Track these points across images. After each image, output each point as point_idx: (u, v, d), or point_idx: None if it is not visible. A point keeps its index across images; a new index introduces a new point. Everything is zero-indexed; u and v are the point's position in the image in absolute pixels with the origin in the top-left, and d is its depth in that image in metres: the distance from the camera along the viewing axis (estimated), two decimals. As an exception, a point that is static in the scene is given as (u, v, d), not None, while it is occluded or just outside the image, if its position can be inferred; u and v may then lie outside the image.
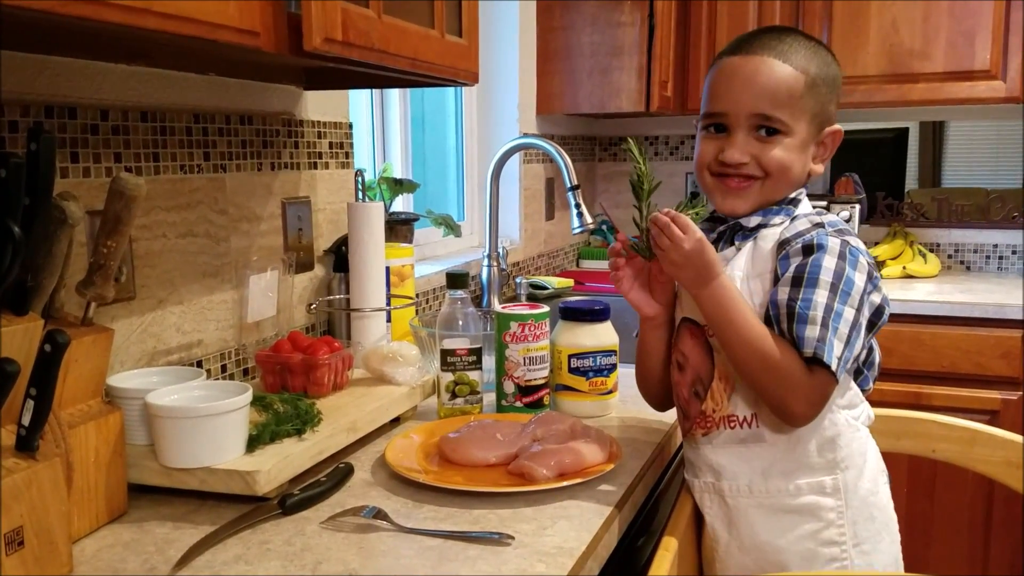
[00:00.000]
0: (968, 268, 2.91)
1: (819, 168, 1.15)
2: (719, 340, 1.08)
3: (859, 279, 1.03)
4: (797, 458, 1.09)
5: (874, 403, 1.17)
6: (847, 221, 2.68)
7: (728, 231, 1.15)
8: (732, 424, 1.10)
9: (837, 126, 1.15)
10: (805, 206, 1.14)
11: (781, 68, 1.09)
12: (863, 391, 1.14)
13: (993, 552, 2.32)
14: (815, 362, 1.01)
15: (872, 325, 1.07)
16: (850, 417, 1.11)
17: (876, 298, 1.07)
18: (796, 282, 1.03)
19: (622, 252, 1.15)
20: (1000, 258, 2.87)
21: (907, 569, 1.11)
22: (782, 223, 1.11)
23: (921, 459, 1.36)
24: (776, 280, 1.06)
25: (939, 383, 2.35)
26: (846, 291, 1.02)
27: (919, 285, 2.61)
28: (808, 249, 1.04)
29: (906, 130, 3.00)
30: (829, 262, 1.02)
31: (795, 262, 1.05)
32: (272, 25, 0.99)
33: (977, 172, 2.98)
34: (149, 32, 0.82)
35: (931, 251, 2.87)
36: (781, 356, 1.02)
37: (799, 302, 1.02)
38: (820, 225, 1.07)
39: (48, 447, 0.87)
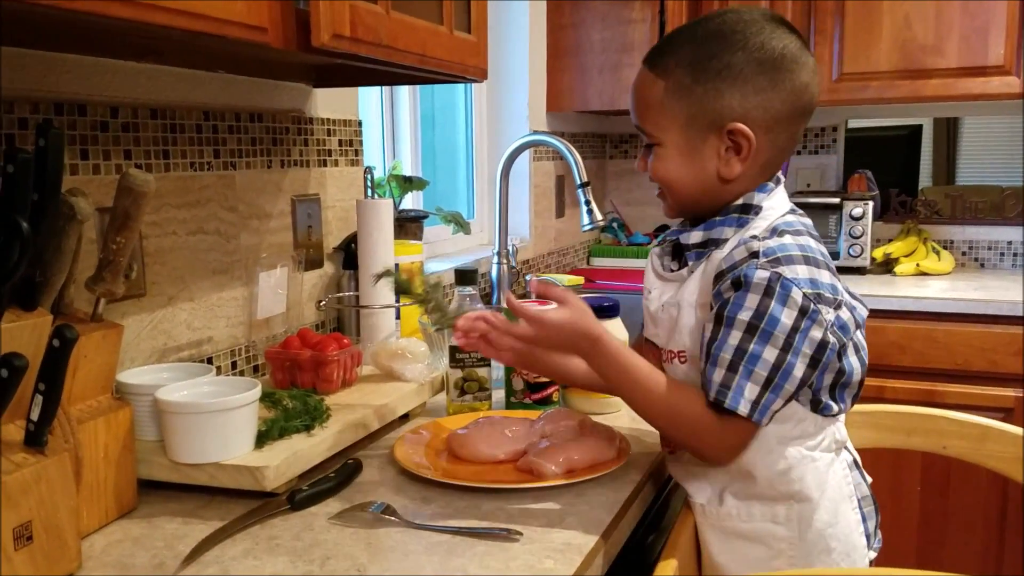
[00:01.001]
0: (982, 265, 2.89)
1: (734, 169, 1.02)
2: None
3: (787, 316, 0.94)
4: (748, 487, 1.04)
5: (887, 401, 1.15)
6: (859, 219, 2.67)
7: (674, 247, 1.10)
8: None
9: (738, 124, 1.00)
10: (769, 213, 1.03)
11: (644, 76, 1.05)
12: (827, 416, 1.04)
13: (1007, 548, 2.31)
14: (719, 407, 0.97)
15: (816, 361, 0.97)
16: (803, 449, 1.03)
17: (817, 333, 0.96)
18: (718, 320, 0.98)
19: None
20: (1014, 255, 2.85)
21: (920, 566, 1.10)
22: (734, 236, 1.02)
23: (934, 456, 1.35)
24: None
25: (953, 381, 2.34)
26: (767, 331, 0.95)
27: (933, 282, 2.59)
28: (736, 284, 0.97)
29: (920, 127, 2.98)
30: (751, 301, 0.95)
31: (725, 298, 0.98)
32: (280, 21, 0.99)
33: (991, 169, 2.96)
34: (157, 28, 0.82)
35: (945, 248, 2.85)
36: (685, 405, 0.99)
37: (715, 343, 0.97)
38: (755, 255, 0.97)
39: (57, 442, 0.87)
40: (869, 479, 1.12)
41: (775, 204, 1.05)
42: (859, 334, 1.04)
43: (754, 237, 1.00)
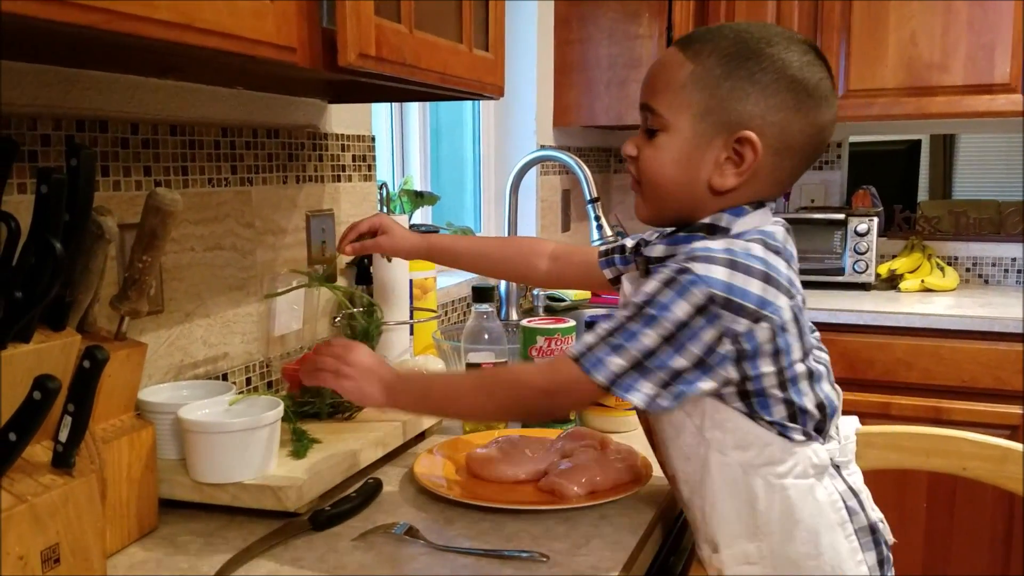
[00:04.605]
0: (986, 282, 2.90)
1: (728, 181, 0.96)
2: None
3: (680, 309, 0.88)
4: (716, 525, 0.97)
5: (894, 417, 1.14)
6: (864, 235, 2.67)
7: (644, 261, 1.02)
8: (672, 484, 1.05)
9: (750, 133, 0.94)
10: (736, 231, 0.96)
11: (673, 56, 0.97)
12: (795, 442, 0.95)
13: (1013, 567, 2.31)
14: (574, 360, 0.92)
15: (702, 362, 0.89)
16: (771, 476, 0.94)
17: (708, 336, 0.88)
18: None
19: None
20: (1018, 272, 2.86)
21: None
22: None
23: (941, 474, 1.35)
24: None
25: (959, 398, 2.34)
26: (652, 315, 0.89)
27: (938, 299, 2.59)
28: (646, 274, 0.96)
29: (919, 142, 3.00)
30: (650, 287, 0.90)
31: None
32: (307, 41, 0.98)
33: (987, 184, 2.97)
34: (190, 48, 0.82)
35: (949, 264, 2.85)
36: (508, 374, 1.04)
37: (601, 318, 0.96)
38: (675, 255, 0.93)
39: (83, 463, 0.86)
40: (876, 513, 1.02)
41: (751, 224, 0.97)
42: (813, 362, 0.98)
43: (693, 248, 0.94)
